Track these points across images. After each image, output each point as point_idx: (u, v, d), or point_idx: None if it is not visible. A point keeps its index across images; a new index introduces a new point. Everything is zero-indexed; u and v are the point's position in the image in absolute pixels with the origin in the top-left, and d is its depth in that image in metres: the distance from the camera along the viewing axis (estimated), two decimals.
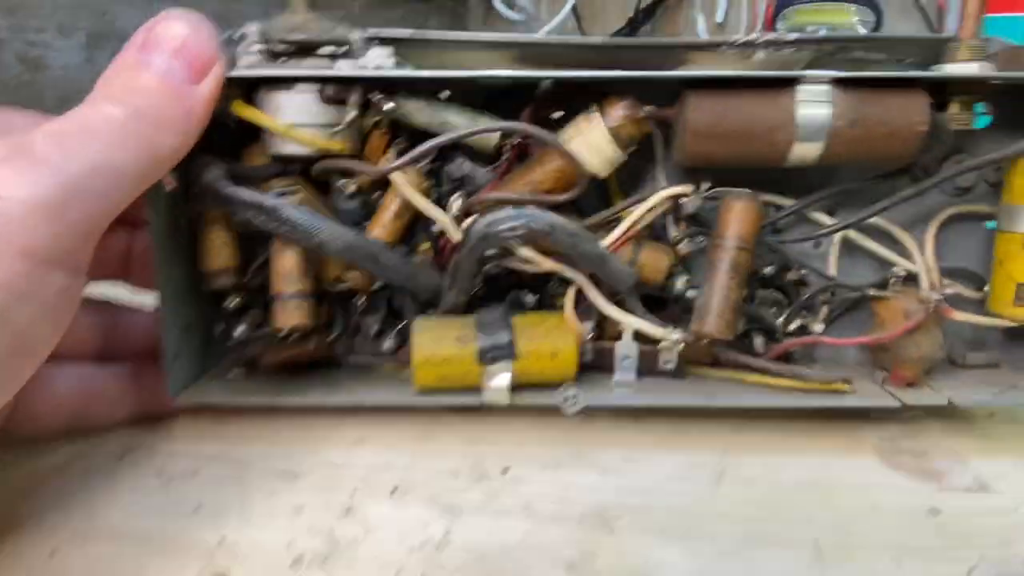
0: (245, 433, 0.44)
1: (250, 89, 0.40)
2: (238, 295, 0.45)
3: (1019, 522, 0.38)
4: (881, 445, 0.44)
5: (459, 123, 0.43)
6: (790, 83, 0.41)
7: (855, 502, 0.39)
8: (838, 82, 0.41)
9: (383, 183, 0.44)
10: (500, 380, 0.43)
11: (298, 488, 0.40)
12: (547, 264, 0.43)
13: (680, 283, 0.46)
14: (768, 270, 0.49)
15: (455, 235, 0.43)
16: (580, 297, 0.45)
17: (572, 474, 0.41)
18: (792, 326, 0.49)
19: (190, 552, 0.34)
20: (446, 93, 0.45)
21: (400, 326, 0.48)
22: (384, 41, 0.44)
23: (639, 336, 0.45)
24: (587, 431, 0.45)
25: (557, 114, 0.45)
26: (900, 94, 0.42)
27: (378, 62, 0.42)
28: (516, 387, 0.43)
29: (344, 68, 0.40)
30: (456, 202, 0.44)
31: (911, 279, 0.49)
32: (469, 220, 0.43)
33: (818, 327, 0.50)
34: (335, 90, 0.40)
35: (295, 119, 0.40)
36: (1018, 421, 0.48)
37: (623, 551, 0.35)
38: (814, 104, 0.41)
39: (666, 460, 0.42)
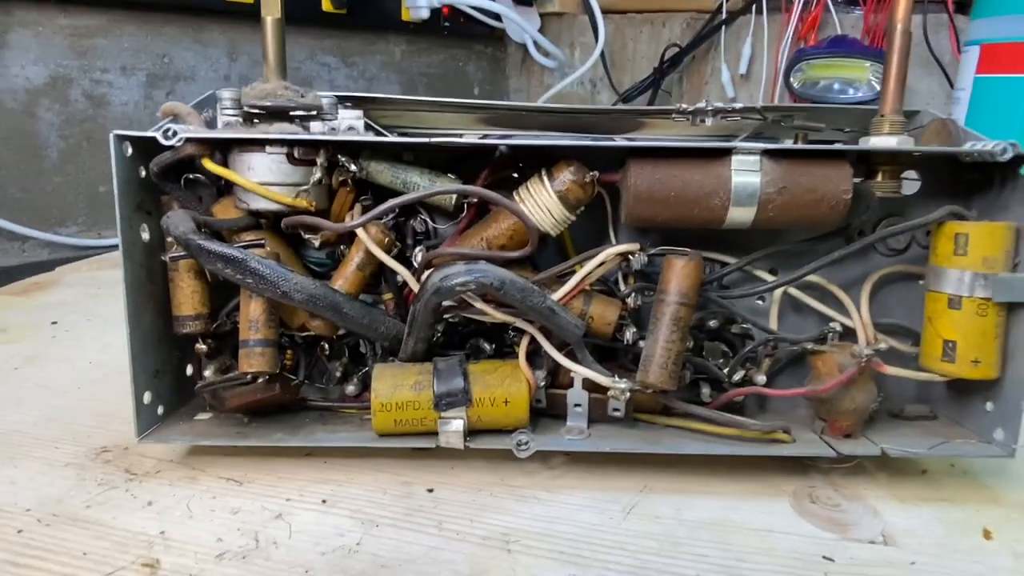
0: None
1: (224, 148, 0.44)
2: (208, 340, 0.48)
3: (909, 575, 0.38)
4: (799, 492, 0.46)
5: (420, 183, 0.47)
6: (725, 153, 0.44)
7: (751, 543, 0.41)
8: (768, 152, 0.44)
9: (349, 236, 0.48)
10: (455, 425, 0.45)
11: (241, 492, 0.44)
12: (498, 315, 0.46)
13: (629, 334, 0.49)
14: (713, 323, 0.51)
15: (415, 286, 0.46)
16: (535, 346, 0.47)
17: (490, 499, 0.44)
18: (736, 376, 0.51)
19: (132, 541, 0.39)
20: (409, 154, 0.49)
21: (363, 371, 0.52)
22: (355, 102, 0.50)
23: (589, 384, 0.47)
24: (519, 463, 0.48)
25: (514, 175, 0.49)
26: (825, 164, 0.44)
27: (348, 123, 0.47)
28: (471, 432, 0.46)
29: (315, 129, 0.45)
30: (418, 255, 0.48)
31: (850, 334, 0.51)
32: (427, 273, 0.45)
33: (760, 378, 0.52)
34: (303, 152, 0.44)
35: (265, 178, 0.44)
36: (945, 479, 0.48)
37: (515, 570, 0.38)
38: (746, 173, 0.44)
39: (583, 494, 0.45)
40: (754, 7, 1.39)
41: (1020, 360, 0.44)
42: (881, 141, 0.45)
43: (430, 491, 0.45)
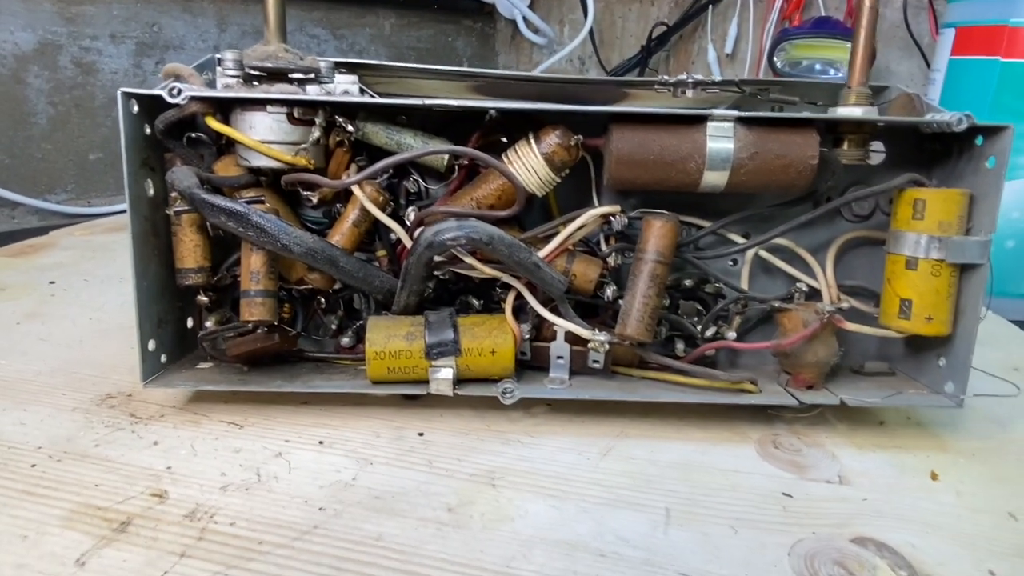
0: (208, 393, 0.52)
1: (225, 108, 0.46)
2: (209, 292, 0.50)
3: (861, 510, 0.42)
4: (763, 439, 0.49)
5: (413, 145, 0.49)
6: (701, 120, 0.46)
7: (717, 481, 0.44)
8: (741, 120, 0.47)
9: (345, 195, 0.50)
10: (445, 373, 0.48)
11: (242, 435, 0.47)
12: (487, 270, 0.48)
13: (610, 292, 0.52)
14: (688, 282, 0.55)
15: (408, 242, 0.49)
16: (521, 302, 0.50)
17: (477, 442, 0.47)
18: (708, 332, 0.55)
19: (140, 475, 0.42)
20: (403, 117, 0.51)
21: (357, 324, 0.54)
22: (350, 68, 0.52)
23: (571, 337, 0.50)
24: (504, 411, 0.51)
25: (503, 139, 0.51)
26: (794, 132, 0.47)
27: (344, 88, 0.49)
28: (460, 381, 0.49)
29: (312, 92, 0.47)
30: (411, 213, 0.50)
31: (815, 294, 0.54)
32: (419, 229, 0.48)
33: (731, 334, 0.55)
34: (302, 112, 0.46)
35: (266, 136, 0.46)
36: (900, 429, 0.52)
37: (499, 501, 0.41)
38: (721, 138, 0.46)
39: (563, 438, 0.48)
40: None
41: (969, 318, 0.48)
42: (847, 111, 0.48)
43: (421, 435, 0.48)
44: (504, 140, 0.51)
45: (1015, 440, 0.51)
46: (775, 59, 1.21)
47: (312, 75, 0.48)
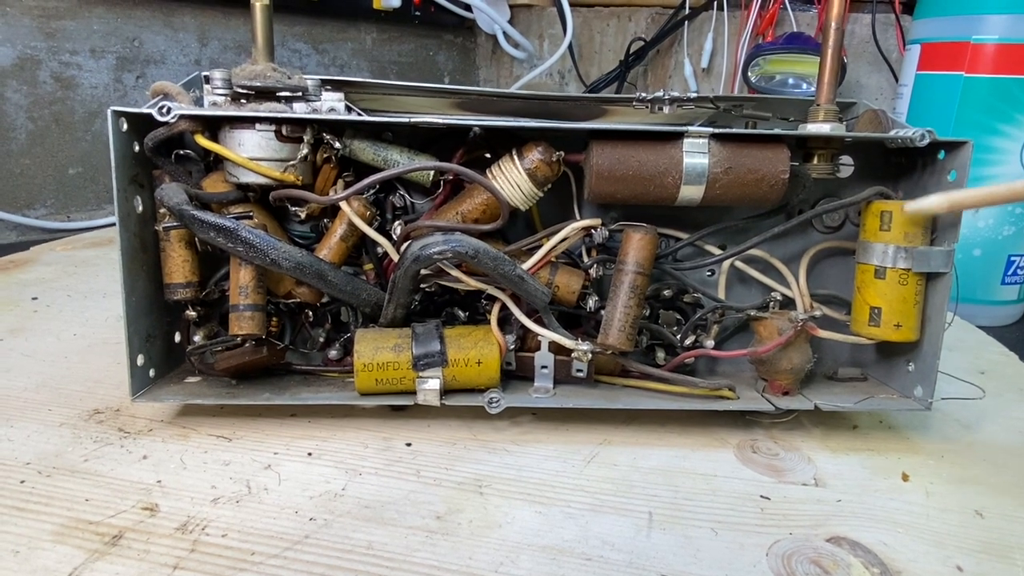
0: (197, 407, 0.52)
1: (214, 126, 0.47)
2: (197, 307, 0.51)
3: (835, 511, 0.44)
4: (742, 444, 0.51)
5: (400, 161, 0.50)
6: (677, 136, 0.48)
7: (698, 485, 0.45)
8: (715, 136, 0.48)
9: (332, 210, 0.51)
10: (432, 384, 0.49)
11: (231, 448, 0.47)
12: (473, 283, 0.50)
13: (592, 302, 0.53)
14: (667, 293, 0.56)
15: (395, 256, 0.50)
16: (506, 313, 0.51)
17: (464, 451, 0.48)
18: (687, 341, 0.56)
19: (131, 489, 0.42)
20: (388, 134, 0.52)
21: (345, 337, 0.55)
22: (336, 86, 0.53)
23: (555, 347, 0.51)
24: (490, 421, 0.52)
25: (486, 155, 0.52)
26: (766, 147, 0.49)
27: (331, 105, 0.50)
28: (446, 391, 0.50)
29: (299, 109, 0.48)
30: (397, 228, 0.51)
31: (789, 303, 0.56)
32: (406, 243, 0.49)
33: (709, 343, 0.57)
34: (290, 129, 0.47)
35: (254, 153, 0.47)
36: (873, 433, 0.54)
37: (486, 508, 0.42)
38: (696, 154, 0.48)
39: (549, 446, 0.49)
40: (716, 3, 1.44)
41: (936, 324, 0.50)
42: (816, 127, 0.50)
43: (408, 445, 0.49)
44: (488, 156, 0.52)
45: (981, 441, 0.53)
46: (749, 73, 1.24)
47: (300, 93, 0.49)
